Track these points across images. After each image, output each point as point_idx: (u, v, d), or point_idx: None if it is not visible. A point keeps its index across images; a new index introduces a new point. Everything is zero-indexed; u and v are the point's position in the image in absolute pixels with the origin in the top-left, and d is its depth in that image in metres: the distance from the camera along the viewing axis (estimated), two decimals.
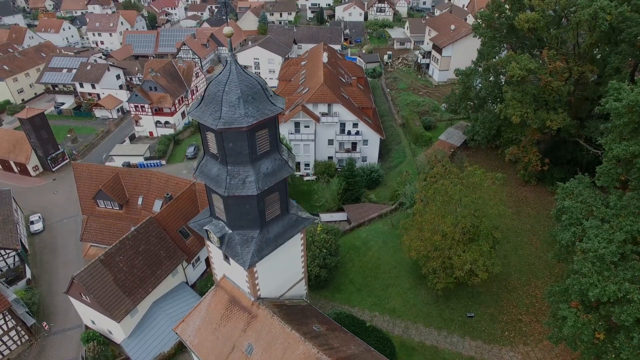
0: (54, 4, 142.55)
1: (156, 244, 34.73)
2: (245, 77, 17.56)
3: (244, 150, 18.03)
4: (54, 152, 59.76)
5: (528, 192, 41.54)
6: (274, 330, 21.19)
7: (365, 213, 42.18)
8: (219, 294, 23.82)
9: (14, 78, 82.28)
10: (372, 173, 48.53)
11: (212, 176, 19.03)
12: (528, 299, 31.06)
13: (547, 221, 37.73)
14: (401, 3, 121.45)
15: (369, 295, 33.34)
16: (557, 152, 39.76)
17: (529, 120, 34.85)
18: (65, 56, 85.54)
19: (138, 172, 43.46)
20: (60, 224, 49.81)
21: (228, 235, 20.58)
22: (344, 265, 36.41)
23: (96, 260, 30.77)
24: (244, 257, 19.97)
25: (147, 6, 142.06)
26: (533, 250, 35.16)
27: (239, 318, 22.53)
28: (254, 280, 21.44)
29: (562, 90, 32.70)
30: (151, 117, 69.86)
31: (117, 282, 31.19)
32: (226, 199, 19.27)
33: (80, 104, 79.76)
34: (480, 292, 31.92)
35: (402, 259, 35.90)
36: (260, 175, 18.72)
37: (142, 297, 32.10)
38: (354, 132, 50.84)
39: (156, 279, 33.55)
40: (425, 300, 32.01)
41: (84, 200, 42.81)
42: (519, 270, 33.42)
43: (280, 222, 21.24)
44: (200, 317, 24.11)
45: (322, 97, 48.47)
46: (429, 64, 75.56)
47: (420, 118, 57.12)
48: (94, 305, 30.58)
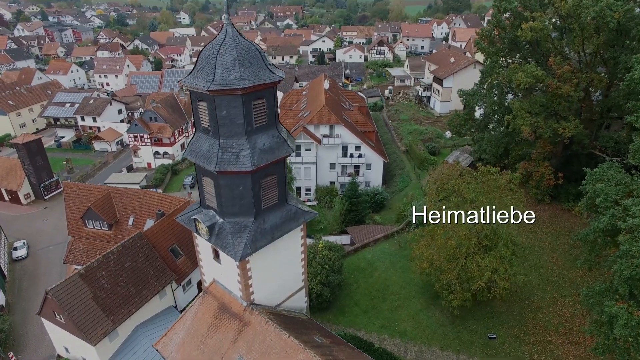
0: (65, 51, 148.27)
1: (144, 261, 31.88)
2: (242, 41, 16.23)
3: (238, 119, 16.25)
4: (48, 180, 58.10)
5: (542, 211, 39.09)
6: (269, 338, 18.12)
7: (370, 234, 39.54)
8: (207, 302, 20.88)
9: (17, 112, 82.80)
10: (376, 196, 46.42)
11: (203, 152, 17.10)
12: (556, 318, 27.70)
13: (566, 239, 35.06)
14: (400, 47, 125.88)
15: (377, 318, 29.94)
16: (571, 167, 37.88)
17: (540, 130, 33.39)
18: (70, 91, 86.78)
19: (131, 192, 41.39)
20: (46, 251, 46.99)
21: (218, 224, 18.22)
22: (348, 286, 33.27)
23: (75, 274, 27.90)
24: (236, 248, 17.48)
25: (154, 52, 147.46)
26: (555, 268, 32.19)
27: (228, 327, 19.46)
28: (246, 280, 18.70)
29: (572, 97, 31.54)
30: (150, 148, 68.99)
31: (96, 300, 28.03)
32: (217, 180, 17.18)
33: (80, 136, 79.46)
34: (501, 312, 28.61)
35: (412, 279, 32.89)
36: (255, 150, 16.79)
37: (124, 319, 28.74)
38: (356, 154, 49.43)
39: (141, 299, 30.33)
40: (439, 322, 28.61)
41: (71, 221, 40.36)
42: (542, 289, 30.27)
43: (278, 212, 18.94)
44: (184, 330, 20.98)
45: (323, 118, 47.64)
46: (430, 96, 76.05)
47: (424, 144, 56.04)
48: (67, 325, 27.24)
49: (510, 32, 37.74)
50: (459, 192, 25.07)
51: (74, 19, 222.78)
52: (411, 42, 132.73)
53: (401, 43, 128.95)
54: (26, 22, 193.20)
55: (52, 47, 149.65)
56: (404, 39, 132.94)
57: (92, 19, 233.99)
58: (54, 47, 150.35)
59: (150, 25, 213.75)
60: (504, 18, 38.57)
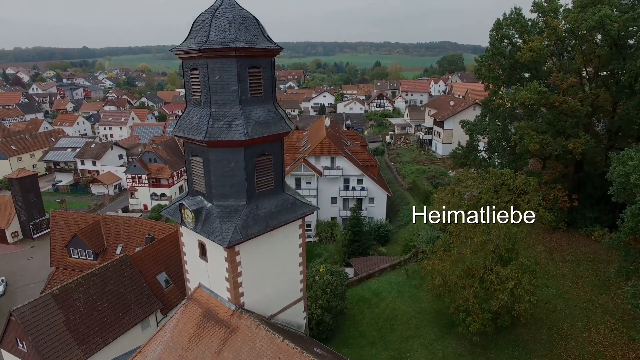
0: (74, 106, 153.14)
1: (127, 285, 28.90)
2: (240, 8, 15.53)
3: (231, 85, 14.97)
4: (39, 218, 56.00)
5: (558, 238, 36.54)
6: (259, 343, 15.21)
7: (375, 265, 36.62)
8: (190, 310, 18.06)
9: (18, 157, 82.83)
10: (380, 228, 44.00)
11: (192, 125, 15.63)
12: (592, 346, 24.15)
13: (589, 264, 32.25)
14: (399, 101, 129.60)
15: (386, 349, 26.31)
16: (584, 189, 36.06)
17: (549, 148, 32.13)
18: (73, 137, 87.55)
19: (121, 220, 39.30)
20: (25, 289, 43.70)
21: (206, 209, 16.19)
22: (352, 317, 29.89)
23: (47, 294, 24.97)
24: (224, 233, 15.29)
25: (159, 108, 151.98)
26: (581, 293, 29.03)
27: (212, 336, 16.53)
28: (235, 276, 16.19)
29: (580, 111, 30.66)
30: (147, 189, 67.66)
31: (68, 326, 24.78)
32: (206, 155, 15.52)
33: (79, 180, 78.54)
34: (527, 339, 25.12)
35: (423, 309, 29.70)
36: (250, 121, 15.32)
37: (99, 348, 25.23)
38: (358, 187, 47.83)
39: (120, 327, 26.95)
40: (457, 352, 25.00)
41: (55, 250, 37.77)
42: (571, 315, 26.93)
43: (274, 199, 16.98)
44: (162, 344, 17.91)
45: (324, 149, 46.79)
46: (431, 139, 76.16)
47: (428, 181, 54.66)
48: (30, 354, 23.75)
49: (509, 59, 38.08)
50: (471, 197, 23.06)
51: (86, 81, 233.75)
52: (410, 97, 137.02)
53: (400, 97, 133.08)
54: (41, 82, 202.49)
55: (62, 103, 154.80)
56: (403, 94, 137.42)
57: (104, 80, 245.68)
58: (64, 102, 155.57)
59: (158, 85, 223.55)
60: (502, 45, 39.11)
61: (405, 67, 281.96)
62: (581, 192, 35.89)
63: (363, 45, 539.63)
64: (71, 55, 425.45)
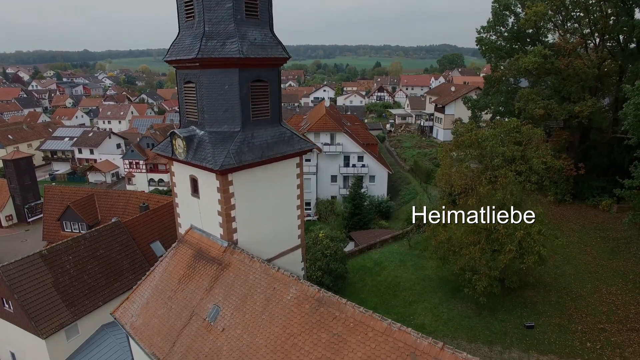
0: (73, 102, 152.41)
1: (119, 251, 27.89)
2: None
3: (227, 2, 14.09)
4: (34, 202, 55.05)
5: (565, 210, 35.54)
6: (253, 276, 14.23)
7: (377, 237, 35.63)
8: (181, 252, 17.08)
9: (15, 147, 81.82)
10: (381, 204, 43.00)
11: (185, 47, 14.74)
12: (604, 306, 23.14)
13: (598, 233, 31.29)
14: (400, 95, 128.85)
15: (388, 313, 25.12)
16: (590, 160, 35.09)
17: (555, 113, 31.23)
18: (71, 127, 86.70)
19: (116, 193, 38.36)
20: None
21: (198, 137, 15.25)
22: (353, 285, 28.90)
23: (35, 253, 23.98)
24: (216, 157, 14.35)
25: (159, 104, 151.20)
26: (590, 259, 28.02)
27: (203, 275, 15.54)
28: (228, 208, 15.20)
29: (586, 73, 29.75)
30: (145, 175, 66.73)
31: (57, 287, 23.74)
32: (199, 78, 14.62)
33: (76, 169, 77.65)
34: (536, 301, 24.09)
35: (426, 276, 28.70)
36: (245, 41, 14.42)
37: (88, 311, 24.17)
38: (359, 165, 46.85)
39: (112, 292, 25.88)
40: (463, 314, 23.96)
41: (47, 224, 36.87)
42: (580, 279, 25.92)
43: (270, 129, 16.06)
44: (150, 288, 16.94)
45: (324, 125, 45.89)
46: (432, 126, 75.25)
47: (429, 161, 53.74)
48: (16, 316, 22.73)
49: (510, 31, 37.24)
50: (477, 145, 22.08)
51: (86, 80, 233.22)
52: (410, 91, 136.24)
53: (400, 91, 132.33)
54: (41, 80, 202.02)
55: (62, 99, 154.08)
56: (404, 88, 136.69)
57: (104, 79, 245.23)
58: (63, 99, 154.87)
59: (158, 84, 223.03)
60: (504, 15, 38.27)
61: (405, 68, 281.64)
62: (587, 163, 34.95)
63: (363, 48, 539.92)
64: (72, 58, 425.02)
